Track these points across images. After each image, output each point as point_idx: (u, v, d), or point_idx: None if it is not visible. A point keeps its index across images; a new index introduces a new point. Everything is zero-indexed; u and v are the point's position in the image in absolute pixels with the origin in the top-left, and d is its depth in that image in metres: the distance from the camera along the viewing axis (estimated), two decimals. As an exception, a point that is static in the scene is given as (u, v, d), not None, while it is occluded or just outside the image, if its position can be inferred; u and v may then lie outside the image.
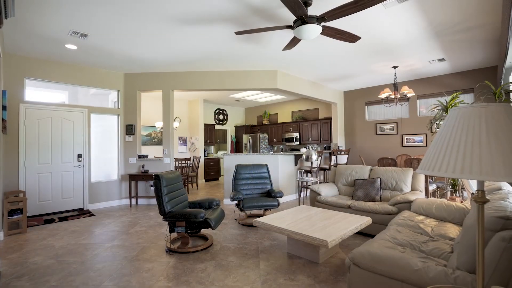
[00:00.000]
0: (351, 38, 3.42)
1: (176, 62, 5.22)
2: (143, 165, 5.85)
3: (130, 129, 5.92)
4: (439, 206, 2.88)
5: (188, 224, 3.12)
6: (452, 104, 3.52)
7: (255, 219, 3.13)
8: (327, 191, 4.33)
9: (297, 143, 9.15)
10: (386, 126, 7.50)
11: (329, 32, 3.25)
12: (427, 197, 4.09)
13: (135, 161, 5.92)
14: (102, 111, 5.69)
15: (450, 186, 4.29)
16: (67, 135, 5.20)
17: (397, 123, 7.28)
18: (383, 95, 5.78)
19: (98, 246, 3.38)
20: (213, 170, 9.37)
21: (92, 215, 4.93)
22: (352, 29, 3.85)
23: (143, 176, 5.61)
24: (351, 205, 3.77)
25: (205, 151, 9.36)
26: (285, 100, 9.84)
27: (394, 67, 5.78)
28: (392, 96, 5.81)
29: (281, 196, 4.31)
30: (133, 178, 5.66)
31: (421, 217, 2.83)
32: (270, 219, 3.12)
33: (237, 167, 4.68)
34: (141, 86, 5.96)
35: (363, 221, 2.98)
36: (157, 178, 3.18)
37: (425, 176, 4.14)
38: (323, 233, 2.59)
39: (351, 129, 8.23)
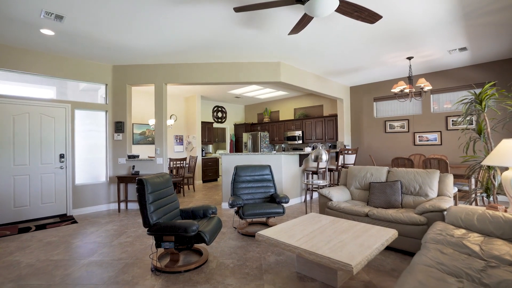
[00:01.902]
0: (371, 17, 2.90)
1: (170, 51, 4.68)
2: (133, 166, 5.33)
3: (119, 127, 5.40)
4: (482, 217, 2.37)
5: (178, 239, 2.61)
6: (488, 96, 3.00)
7: (258, 232, 2.62)
8: (339, 196, 3.82)
9: (300, 141, 8.63)
10: (396, 124, 6.98)
11: (346, 8, 2.73)
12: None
13: (124, 162, 5.39)
14: (87, 106, 5.16)
15: (477, 190, 3.78)
16: (48, 133, 4.67)
17: (408, 120, 6.76)
18: (396, 89, 5.25)
19: (72, 263, 2.86)
20: (211, 170, 8.85)
21: (75, 222, 4.41)
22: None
23: (133, 178, 5.09)
24: (369, 213, 3.25)
25: (202, 150, 8.83)
26: (287, 96, 9.31)
27: (409, 58, 5.25)
28: (407, 90, 5.28)
29: (286, 202, 3.79)
30: (122, 180, 5.13)
31: (462, 231, 2.31)
32: (276, 232, 2.61)
33: (237, 168, 4.16)
34: (131, 80, 5.42)
35: (389, 235, 2.46)
36: (140, 183, 2.66)
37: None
38: (343, 253, 2.08)
39: (358, 127, 7.71)
